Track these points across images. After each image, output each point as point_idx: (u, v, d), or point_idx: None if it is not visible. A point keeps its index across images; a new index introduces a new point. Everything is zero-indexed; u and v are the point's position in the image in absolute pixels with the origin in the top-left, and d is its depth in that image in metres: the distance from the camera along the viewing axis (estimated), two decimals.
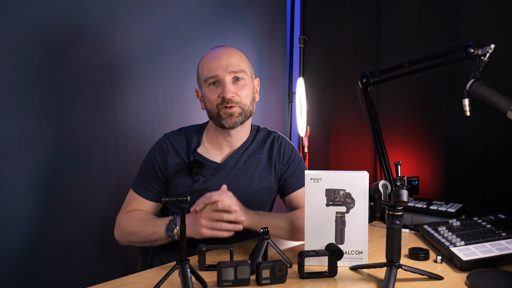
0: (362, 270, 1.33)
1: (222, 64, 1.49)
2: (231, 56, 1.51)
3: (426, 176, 2.17)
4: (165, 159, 1.56)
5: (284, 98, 2.72)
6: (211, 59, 1.51)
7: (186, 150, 1.57)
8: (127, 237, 1.53)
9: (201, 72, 1.54)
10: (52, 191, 1.73)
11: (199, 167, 1.53)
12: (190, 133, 1.61)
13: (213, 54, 1.52)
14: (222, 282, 1.18)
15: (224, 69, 1.48)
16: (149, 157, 1.59)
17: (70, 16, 1.75)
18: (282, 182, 1.62)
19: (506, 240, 1.40)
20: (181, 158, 1.56)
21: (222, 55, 1.50)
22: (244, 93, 1.51)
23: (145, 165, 1.60)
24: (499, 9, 1.94)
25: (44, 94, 1.69)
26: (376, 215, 1.90)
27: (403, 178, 1.20)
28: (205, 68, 1.51)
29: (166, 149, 1.57)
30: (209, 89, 1.51)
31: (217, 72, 1.48)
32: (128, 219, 1.54)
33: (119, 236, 1.55)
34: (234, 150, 1.58)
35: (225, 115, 1.49)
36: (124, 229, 1.53)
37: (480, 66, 1.58)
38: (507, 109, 1.47)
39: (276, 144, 1.63)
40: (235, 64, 1.50)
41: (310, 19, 2.64)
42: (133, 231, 1.50)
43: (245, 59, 1.55)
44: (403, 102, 2.26)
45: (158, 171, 1.56)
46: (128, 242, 1.55)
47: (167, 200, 1.13)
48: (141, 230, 1.49)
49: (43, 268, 1.71)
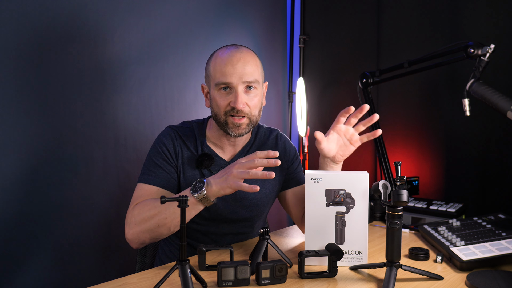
0: (362, 270, 1.33)
1: (237, 72, 1.42)
2: (247, 64, 1.44)
3: (426, 176, 2.17)
4: (175, 146, 1.51)
5: (284, 98, 2.72)
6: (226, 63, 1.43)
7: (193, 144, 1.54)
8: (144, 225, 1.37)
9: (213, 73, 1.46)
10: (52, 191, 1.73)
11: (210, 160, 1.51)
12: (193, 128, 1.57)
13: (228, 58, 1.44)
14: (222, 282, 1.18)
15: (239, 77, 1.42)
16: (158, 144, 1.52)
17: (70, 16, 1.75)
18: (287, 176, 1.63)
19: (506, 240, 1.40)
20: (189, 150, 1.53)
21: (238, 61, 1.43)
22: (254, 103, 1.46)
23: (153, 153, 1.51)
24: (499, 9, 1.94)
25: (44, 94, 1.69)
26: (376, 215, 1.90)
27: (403, 178, 1.20)
28: (218, 72, 1.44)
29: (175, 138, 1.52)
30: (219, 94, 1.45)
31: (231, 80, 1.42)
32: (141, 206, 1.39)
33: (134, 231, 1.39)
34: (239, 150, 1.57)
35: (233, 125, 1.46)
36: (139, 220, 1.37)
37: (480, 66, 1.59)
38: (507, 109, 1.47)
39: (280, 142, 1.64)
40: (250, 74, 1.44)
41: (310, 19, 2.64)
42: (150, 214, 1.36)
43: (259, 65, 1.50)
44: (403, 102, 2.25)
45: (168, 155, 1.50)
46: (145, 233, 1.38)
47: (167, 200, 1.13)
48: (159, 212, 1.35)
49: (43, 268, 1.71)
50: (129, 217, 1.41)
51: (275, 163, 1.29)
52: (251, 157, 1.30)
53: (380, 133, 1.44)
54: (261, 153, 1.30)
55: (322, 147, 1.44)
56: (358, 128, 1.45)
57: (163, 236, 1.40)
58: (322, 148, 1.44)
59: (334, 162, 1.48)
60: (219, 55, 1.47)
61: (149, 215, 1.36)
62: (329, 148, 1.44)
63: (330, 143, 1.45)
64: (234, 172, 1.29)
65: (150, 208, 1.37)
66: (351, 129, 1.45)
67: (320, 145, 1.44)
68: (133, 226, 1.39)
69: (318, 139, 1.43)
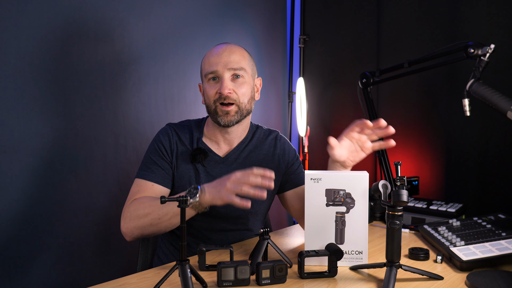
0: (362, 270, 1.33)
1: (223, 60, 1.50)
2: (232, 53, 1.52)
3: (426, 176, 2.17)
4: (171, 143, 1.56)
5: (284, 98, 2.72)
6: (213, 54, 1.53)
7: (189, 140, 1.58)
8: (137, 221, 1.40)
9: (203, 66, 1.56)
10: (52, 191, 1.73)
11: (203, 154, 1.54)
12: (192, 125, 1.62)
13: (216, 50, 1.54)
14: (222, 282, 1.18)
15: (224, 65, 1.49)
16: (155, 141, 1.57)
17: (70, 16, 1.75)
18: (286, 177, 1.64)
19: (506, 240, 1.40)
20: (185, 146, 1.57)
21: (223, 51, 1.52)
22: (241, 91, 1.51)
23: (150, 151, 1.56)
24: (499, 9, 1.94)
25: (44, 94, 1.69)
26: (376, 215, 1.90)
27: (403, 178, 1.20)
28: (206, 63, 1.53)
29: (172, 135, 1.57)
30: (209, 84, 1.53)
31: (216, 68, 1.50)
32: (138, 203, 1.43)
33: (128, 226, 1.42)
34: (235, 146, 1.59)
35: (222, 112, 1.50)
36: (135, 216, 1.41)
37: (480, 66, 1.58)
38: (507, 109, 1.47)
39: (279, 143, 1.65)
40: (236, 62, 1.51)
41: (310, 19, 2.64)
42: (144, 212, 1.40)
43: (247, 57, 1.56)
44: (403, 102, 2.26)
45: (164, 152, 1.54)
46: (138, 230, 1.41)
47: (167, 200, 1.13)
48: (153, 211, 1.39)
49: (43, 268, 1.71)
50: (126, 211, 1.46)
51: (269, 186, 1.28)
52: (247, 173, 1.29)
53: (393, 144, 1.44)
54: (257, 171, 1.29)
55: (333, 152, 1.46)
56: (372, 136, 1.46)
57: (155, 234, 1.45)
58: (334, 153, 1.46)
59: (344, 166, 1.49)
60: (209, 50, 1.57)
61: (143, 213, 1.40)
62: (340, 154, 1.46)
63: (342, 148, 1.46)
64: (228, 185, 1.29)
65: (145, 206, 1.41)
66: (364, 136, 1.46)
67: (332, 150, 1.45)
68: (128, 221, 1.43)
69: (331, 145, 1.44)
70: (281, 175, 1.63)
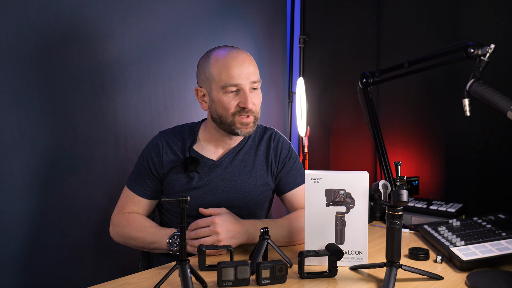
0: (362, 270, 1.33)
1: (244, 72, 1.45)
2: (250, 64, 1.48)
3: (426, 176, 2.17)
4: (160, 157, 1.55)
5: (284, 98, 2.72)
6: (232, 65, 1.45)
7: (181, 148, 1.57)
8: (125, 240, 1.54)
9: (217, 76, 1.46)
10: (52, 191, 1.73)
11: (194, 163, 1.53)
12: (185, 131, 1.60)
13: (233, 60, 1.46)
14: (222, 282, 1.18)
15: (246, 78, 1.45)
16: (144, 155, 1.58)
17: (70, 16, 1.75)
18: (278, 180, 1.62)
19: (506, 240, 1.40)
20: (176, 155, 1.56)
21: (243, 62, 1.46)
22: (258, 102, 1.51)
23: (140, 163, 1.59)
24: (499, 9, 1.94)
25: (44, 94, 1.69)
26: (376, 215, 1.90)
27: (403, 178, 1.20)
28: (224, 74, 1.45)
29: (161, 146, 1.56)
30: (227, 96, 1.46)
31: (239, 81, 1.45)
32: (127, 223, 1.54)
33: (116, 236, 1.57)
34: (231, 148, 1.58)
35: (241, 124, 1.48)
36: (122, 232, 1.54)
37: (480, 66, 1.58)
38: (507, 109, 1.47)
39: (273, 142, 1.63)
40: (255, 73, 1.48)
41: (310, 19, 2.64)
42: (132, 236, 1.51)
43: (256, 64, 1.54)
44: (403, 102, 2.26)
45: (153, 169, 1.56)
46: (122, 242, 1.56)
47: (167, 200, 1.13)
48: (140, 237, 1.49)
49: (43, 268, 1.71)
50: (115, 221, 1.57)
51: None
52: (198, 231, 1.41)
53: None
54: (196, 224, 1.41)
55: None
56: None
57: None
58: None
59: None
60: (219, 57, 1.47)
61: (131, 236, 1.51)
62: None
63: None
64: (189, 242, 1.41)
65: (136, 229, 1.51)
66: None
67: None
68: (116, 231, 1.56)
69: None
70: (274, 177, 1.62)
